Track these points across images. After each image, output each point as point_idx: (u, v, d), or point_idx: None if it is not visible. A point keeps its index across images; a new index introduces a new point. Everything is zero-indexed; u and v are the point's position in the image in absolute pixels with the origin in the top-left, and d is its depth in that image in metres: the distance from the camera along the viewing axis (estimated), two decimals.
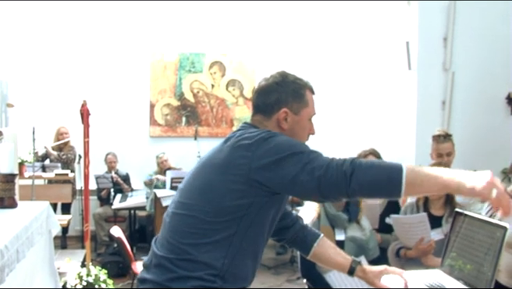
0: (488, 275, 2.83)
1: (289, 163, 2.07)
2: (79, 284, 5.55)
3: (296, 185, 2.06)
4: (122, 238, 5.89)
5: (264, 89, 2.42)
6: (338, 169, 2.00)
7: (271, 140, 2.15)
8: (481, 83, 8.52)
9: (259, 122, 2.38)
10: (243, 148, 2.15)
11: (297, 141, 2.24)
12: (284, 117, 2.35)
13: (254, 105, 2.44)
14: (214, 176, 2.19)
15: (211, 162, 2.24)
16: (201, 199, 2.19)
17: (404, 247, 4.04)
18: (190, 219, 2.19)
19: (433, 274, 3.20)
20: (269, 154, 2.11)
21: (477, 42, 8.50)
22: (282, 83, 2.41)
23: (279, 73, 2.49)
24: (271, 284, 7.04)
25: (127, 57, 9.84)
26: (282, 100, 2.36)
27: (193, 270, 2.13)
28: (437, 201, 4.17)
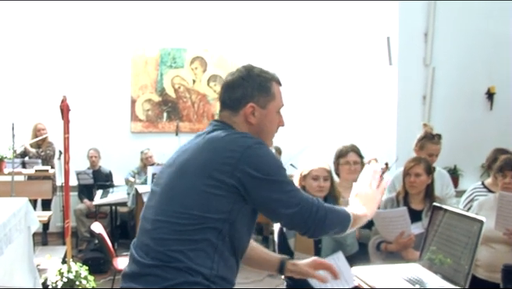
0: (465, 268, 2.85)
1: (272, 189, 2.17)
2: (59, 281, 5.51)
3: (270, 210, 2.24)
4: (103, 234, 5.87)
5: (229, 84, 2.37)
6: (311, 215, 2.22)
7: (256, 149, 2.18)
8: (461, 78, 8.58)
9: (227, 118, 2.36)
10: (227, 152, 2.16)
11: (280, 164, 2.27)
12: (251, 112, 2.33)
13: (220, 101, 2.41)
14: (196, 181, 2.17)
15: (191, 165, 2.21)
16: (184, 206, 2.17)
17: (385, 241, 4.06)
18: (176, 226, 2.16)
19: (411, 268, 3.22)
20: (258, 168, 2.15)
21: (457, 38, 8.56)
22: (247, 78, 2.36)
23: (244, 66, 2.43)
24: (253, 279, 7.03)
25: (108, 52, 9.78)
26: (248, 95, 2.33)
27: (186, 276, 2.11)
28: (417, 196, 4.19)
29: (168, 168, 2.33)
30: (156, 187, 2.33)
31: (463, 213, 3.19)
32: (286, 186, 2.21)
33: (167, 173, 2.30)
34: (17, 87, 9.41)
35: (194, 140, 2.33)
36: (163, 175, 2.33)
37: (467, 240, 2.93)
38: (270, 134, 2.41)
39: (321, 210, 2.24)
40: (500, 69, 8.64)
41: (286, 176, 2.24)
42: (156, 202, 2.27)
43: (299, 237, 3.88)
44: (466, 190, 5.12)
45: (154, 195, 2.32)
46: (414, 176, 4.14)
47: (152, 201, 2.31)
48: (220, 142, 2.21)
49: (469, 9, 8.44)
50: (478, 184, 5.06)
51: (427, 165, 4.20)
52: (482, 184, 5.05)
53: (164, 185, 2.27)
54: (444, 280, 2.97)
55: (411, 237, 3.89)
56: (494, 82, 8.68)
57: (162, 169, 2.40)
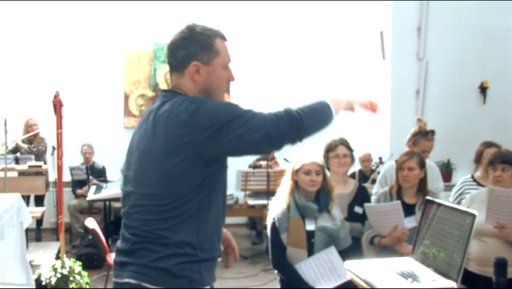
0: (458, 262, 2.86)
1: (233, 127, 2.18)
2: (53, 277, 5.49)
3: (247, 145, 2.22)
4: (96, 230, 5.85)
5: (173, 45, 2.39)
6: (289, 119, 2.23)
7: (203, 110, 2.20)
8: (454, 72, 8.60)
9: (175, 81, 2.40)
10: (180, 126, 2.20)
11: (229, 104, 2.32)
12: (196, 70, 2.34)
13: (168, 64, 2.44)
14: (163, 163, 2.23)
15: (154, 148, 2.27)
16: (161, 188, 2.24)
17: (378, 235, 4.07)
18: (158, 208, 2.25)
19: (404, 262, 3.23)
20: (210, 124, 2.17)
21: (450, 32, 8.57)
22: (189, 37, 2.36)
23: (186, 26, 2.41)
24: (247, 274, 7.05)
25: (101, 47, 9.74)
26: (191, 53, 2.34)
27: (175, 250, 2.24)
28: (410, 190, 4.20)
29: (135, 151, 2.39)
30: (129, 172, 2.41)
31: (455, 207, 3.19)
32: (244, 116, 2.21)
33: (135, 158, 2.37)
34: (9, 82, 9.38)
35: (148, 117, 2.37)
36: (132, 159, 2.40)
37: (459, 234, 2.94)
38: (220, 90, 2.43)
39: (291, 111, 2.26)
40: (493, 63, 8.66)
41: (239, 108, 2.26)
42: (133, 187, 2.35)
43: (291, 232, 3.88)
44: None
45: (128, 180, 2.40)
46: (407, 170, 4.15)
47: (128, 186, 2.39)
48: (168, 119, 2.24)
49: (462, 4, 8.45)
50: (467, 177, 5.07)
51: (420, 160, 4.21)
52: (472, 177, 5.06)
53: (135, 171, 2.35)
54: (437, 274, 2.98)
55: (405, 230, 3.90)
56: (487, 76, 8.70)
57: (130, 150, 2.46)
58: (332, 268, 3.79)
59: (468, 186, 4.94)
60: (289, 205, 3.93)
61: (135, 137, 2.44)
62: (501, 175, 4.04)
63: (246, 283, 6.71)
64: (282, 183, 4.07)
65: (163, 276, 2.23)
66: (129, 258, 2.30)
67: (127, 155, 2.48)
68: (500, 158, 4.08)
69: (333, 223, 3.91)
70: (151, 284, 2.23)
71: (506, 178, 4.05)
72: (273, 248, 3.96)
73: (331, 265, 3.80)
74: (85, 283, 5.65)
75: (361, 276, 3.04)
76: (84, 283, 5.64)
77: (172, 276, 2.23)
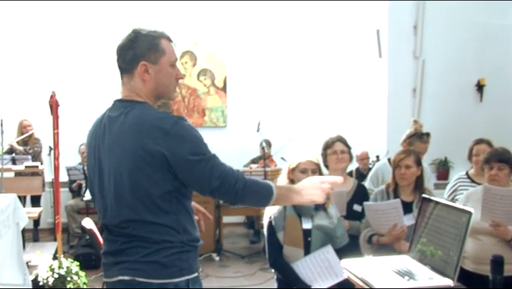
0: (454, 259, 2.86)
1: (196, 168, 2.35)
2: (51, 277, 5.49)
3: (195, 187, 2.42)
4: (94, 230, 5.83)
5: (121, 48, 2.54)
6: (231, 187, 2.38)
7: (176, 131, 2.34)
8: (451, 70, 8.61)
9: (128, 84, 2.52)
10: (151, 137, 2.32)
11: (200, 141, 2.40)
12: (144, 70, 2.48)
13: (118, 68, 2.56)
14: (138, 176, 2.36)
15: (125, 157, 2.38)
16: (139, 201, 2.39)
17: (376, 234, 4.07)
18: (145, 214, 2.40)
19: (401, 260, 3.23)
20: (180, 151, 2.33)
21: (447, 30, 8.58)
22: (135, 39, 2.51)
23: (133, 30, 2.57)
24: (244, 273, 7.04)
25: (97, 47, 9.71)
26: (138, 54, 2.48)
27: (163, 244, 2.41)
28: (407, 188, 4.20)
29: (106, 162, 2.47)
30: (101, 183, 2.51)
31: (452, 205, 3.19)
32: (207, 162, 2.36)
33: (110, 170, 2.45)
34: (5, 82, 9.36)
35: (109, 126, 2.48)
36: (103, 170, 2.49)
37: (456, 232, 2.94)
38: (169, 87, 2.57)
39: (240, 182, 2.39)
40: (490, 61, 8.68)
41: (208, 151, 2.40)
42: (114, 200, 2.45)
43: (288, 231, 3.88)
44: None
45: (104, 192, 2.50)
46: (404, 168, 4.15)
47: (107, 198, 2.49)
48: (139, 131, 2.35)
49: (458, 2, 8.46)
50: (461, 174, 5.09)
51: (416, 157, 4.21)
52: (466, 174, 5.08)
53: (114, 184, 2.44)
54: (433, 272, 2.97)
55: (404, 228, 3.90)
56: (484, 74, 8.72)
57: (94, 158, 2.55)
58: (328, 266, 3.79)
59: (462, 183, 4.95)
60: None
61: (96, 145, 2.54)
62: (497, 174, 4.04)
63: (243, 282, 6.70)
64: (278, 182, 4.07)
65: (155, 268, 2.39)
66: (118, 258, 2.45)
67: (91, 160, 2.58)
68: (497, 156, 4.08)
69: (330, 222, 3.90)
70: (145, 278, 2.39)
71: (502, 177, 4.05)
72: (270, 247, 3.95)
73: (328, 264, 3.80)
74: (82, 284, 5.64)
75: (358, 275, 3.04)
76: (82, 283, 5.63)
77: (163, 267, 2.39)
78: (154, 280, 2.39)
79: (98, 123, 2.59)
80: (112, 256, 2.49)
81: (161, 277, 2.39)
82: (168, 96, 2.60)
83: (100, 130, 2.53)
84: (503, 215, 3.85)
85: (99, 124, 2.57)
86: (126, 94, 2.53)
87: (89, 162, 2.63)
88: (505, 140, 5.13)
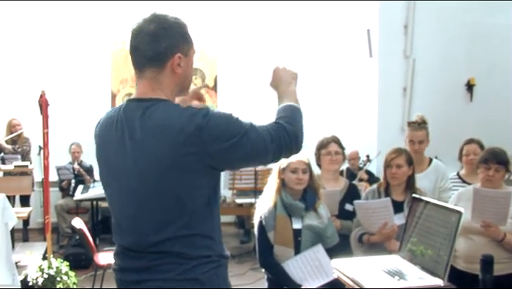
0: (444, 259, 2.86)
1: (242, 145, 2.12)
2: (40, 277, 5.46)
3: (253, 161, 2.25)
4: (83, 230, 5.83)
5: (151, 36, 2.21)
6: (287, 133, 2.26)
7: (211, 125, 2.08)
8: (441, 70, 8.63)
9: (152, 77, 2.21)
10: (186, 140, 2.07)
11: (232, 117, 2.18)
12: (178, 63, 2.20)
13: (140, 58, 2.23)
14: (172, 181, 2.11)
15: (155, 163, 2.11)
16: (174, 207, 2.14)
17: (367, 232, 4.07)
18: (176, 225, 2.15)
19: (391, 260, 3.23)
20: (219, 141, 2.09)
21: (437, 29, 8.59)
22: (168, 27, 2.22)
23: (155, 15, 2.29)
24: (235, 272, 7.04)
25: (87, 46, 9.69)
26: (174, 45, 2.20)
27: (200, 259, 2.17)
28: (398, 187, 4.19)
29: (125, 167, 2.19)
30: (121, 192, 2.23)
31: (442, 204, 3.20)
32: (250, 134, 2.14)
33: (131, 176, 2.18)
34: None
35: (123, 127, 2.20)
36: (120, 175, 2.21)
37: (446, 232, 2.94)
38: (191, 80, 2.34)
39: (288, 126, 2.30)
40: (480, 60, 8.70)
41: (242, 123, 2.17)
42: (139, 210, 2.18)
43: (278, 231, 3.88)
44: None
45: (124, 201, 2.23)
46: (396, 168, 4.15)
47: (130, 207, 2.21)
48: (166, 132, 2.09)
49: (449, 2, 8.47)
50: (453, 175, 5.09)
51: (408, 157, 4.21)
52: (457, 175, 5.08)
53: (135, 191, 2.17)
54: (423, 272, 2.98)
55: (394, 227, 3.90)
56: (474, 74, 8.74)
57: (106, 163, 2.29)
58: (319, 266, 3.79)
59: (454, 184, 4.95)
60: (276, 203, 3.93)
61: (111, 152, 2.25)
62: (494, 175, 4.03)
63: (234, 281, 6.64)
64: (269, 182, 4.07)
65: (192, 286, 2.15)
66: (146, 275, 2.18)
67: (106, 168, 2.31)
68: (496, 157, 4.05)
69: (320, 222, 3.91)
70: None
71: (497, 178, 4.05)
72: (260, 247, 3.95)
73: (318, 264, 3.80)
74: (72, 284, 5.62)
75: (348, 275, 3.04)
76: (71, 283, 5.61)
77: (200, 285, 2.16)
78: None
79: (109, 126, 2.27)
80: (136, 273, 2.20)
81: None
82: (187, 89, 2.35)
83: (115, 135, 2.23)
84: (493, 216, 3.86)
85: (111, 128, 2.25)
86: (144, 91, 2.22)
87: (102, 172, 2.33)
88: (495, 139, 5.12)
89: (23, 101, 8.77)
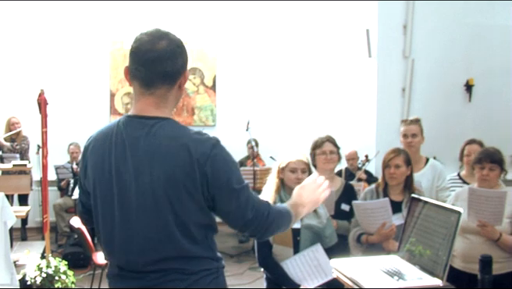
0: (443, 259, 2.86)
1: (233, 198, 2.16)
2: (38, 276, 5.46)
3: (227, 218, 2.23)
4: (82, 229, 5.82)
5: (170, 55, 2.16)
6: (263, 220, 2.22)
7: (217, 157, 2.12)
8: (440, 70, 8.63)
9: (161, 95, 2.18)
10: (190, 163, 2.08)
11: (237, 168, 2.22)
12: (185, 80, 2.24)
13: (157, 74, 2.16)
14: (173, 200, 2.11)
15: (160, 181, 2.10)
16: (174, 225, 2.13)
17: (365, 233, 4.07)
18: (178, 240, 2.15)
19: (390, 260, 3.23)
20: (221, 178, 2.12)
21: (436, 30, 8.60)
22: (180, 45, 2.21)
23: (162, 32, 2.22)
24: (233, 272, 7.04)
25: (86, 45, 9.69)
26: (185, 62, 2.22)
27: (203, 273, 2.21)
28: (396, 187, 4.20)
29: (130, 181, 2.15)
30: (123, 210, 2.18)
31: (441, 204, 3.20)
32: (245, 192, 2.18)
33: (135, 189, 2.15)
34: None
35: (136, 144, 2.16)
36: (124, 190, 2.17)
37: (445, 232, 2.94)
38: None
39: (272, 214, 2.24)
40: (479, 61, 8.71)
41: (243, 180, 2.21)
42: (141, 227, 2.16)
43: None
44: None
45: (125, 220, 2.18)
46: (394, 168, 4.15)
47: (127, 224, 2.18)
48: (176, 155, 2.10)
49: (448, 2, 8.48)
50: (453, 175, 5.09)
51: (406, 157, 4.21)
52: (458, 175, 5.09)
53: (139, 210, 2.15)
54: (422, 272, 2.98)
55: (392, 228, 3.90)
56: (472, 74, 8.75)
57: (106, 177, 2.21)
58: (318, 265, 3.79)
59: (454, 183, 4.96)
60: (275, 202, 3.93)
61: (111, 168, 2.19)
62: (488, 174, 4.06)
63: (232, 281, 6.69)
64: (268, 181, 4.07)
65: None
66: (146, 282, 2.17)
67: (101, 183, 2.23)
68: (489, 156, 4.08)
69: (319, 221, 3.91)
70: None
71: (492, 177, 4.08)
72: (259, 246, 3.95)
73: (317, 263, 3.80)
74: (71, 283, 5.61)
75: (347, 274, 3.04)
76: (70, 282, 5.60)
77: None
78: None
79: (106, 143, 2.23)
80: (132, 279, 2.19)
81: None
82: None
83: (114, 152, 2.19)
84: (489, 216, 3.87)
85: (109, 144, 2.21)
86: (146, 108, 2.19)
87: (96, 189, 2.25)
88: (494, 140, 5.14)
89: (22, 99, 8.77)
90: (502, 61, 8.74)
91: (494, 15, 8.77)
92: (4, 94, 9.27)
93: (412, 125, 4.91)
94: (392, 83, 8.56)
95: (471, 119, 8.54)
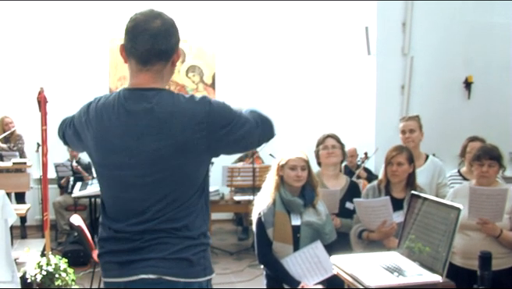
0: (443, 256, 2.87)
1: (237, 128, 2.28)
2: (39, 274, 5.46)
3: (244, 144, 2.37)
4: (82, 226, 5.82)
5: (165, 33, 2.27)
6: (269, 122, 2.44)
7: (216, 110, 2.25)
8: (439, 67, 8.65)
9: (157, 71, 2.28)
10: (196, 124, 2.19)
11: (228, 105, 2.34)
12: (178, 57, 2.34)
13: (153, 52, 2.25)
14: (178, 160, 2.21)
15: (161, 146, 2.19)
16: (179, 186, 2.24)
17: (366, 229, 4.08)
18: (176, 205, 2.24)
19: (390, 256, 3.24)
20: (223, 125, 2.23)
21: (435, 27, 8.61)
22: (173, 24, 2.32)
23: (156, 12, 2.35)
24: (233, 269, 7.05)
25: (85, 43, 9.68)
26: (178, 40, 2.32)
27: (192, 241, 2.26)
28: (398, 184, 4.20)
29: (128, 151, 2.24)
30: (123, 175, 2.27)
31: (440, 201, 3.21)
32: (242, 118, 2.31)
33: (136, 160, 2.23)
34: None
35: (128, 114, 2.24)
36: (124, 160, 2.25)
37: (444, 228, 2.95)
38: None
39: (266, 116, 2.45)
40: (478, 58, 8.73)
41: (234, 109, 2.33)
42: (142, 193, 2.25)
43: (277, 227, 3.89)
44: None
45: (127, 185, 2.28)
46: (396, 165, 4.16)
47: (131, 191, 2.27)
48: (179, 117, 2.20)
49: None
50: (453, 172, 5.10)
51: (409, 155, 4.22)
52: (458, 172, 5.10)
53: (140, 175, 2.24)
54: (422, 268, 2.99)
55: (393, 225, 3.91)
56: (472, 71, 8.76)
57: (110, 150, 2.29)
58: (318, 262, 3.81)
59: (454, 180, 4.96)
60: (275, 200, 3.94)
61: (111, 135, 2.27)
62: (488, 170, 4.07)
63: (232, 278, 6.71)
64: (267, 179, 4.08)
65: (184, 266, 2.24)
66: (138, 256, 2.24)
67: (105, 153, 2.31)
68: (488, 153, 4.09)
69: (318, 218, 3.92)
70: (173, 276, 2.22)
71: (491, 174, 4.09)
72: (259, 243, 3.96)
73: (317, 260, 3.81)
74: (71, 281, 5.62)
75: (347, 271, 3.05)
76: (70, 280, 5.61)
77: (191, 265, 2.25)
78: (181, 278, 2.22)
79: (108, 113, 2.28)
80: (127, 254, 2.25)
81: (187, 276, 2.23)
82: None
83: (118, 122, 2.25)
84: (489, 213, 3.88)
85: (111, 115, 2.27)
86: (144, 82, 2.28)
87: (100, 157, 2.34)
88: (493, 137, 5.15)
89: (22, 97, 8.77)
90: (501, 58, 8.76)
91: (493, 12, 8.78)
92: (3, 92, 9.26)
93: (410, 121, 4.94)
94: (391, 80, 8.57)
95: (469, 117, 8.55)
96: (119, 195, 2.32)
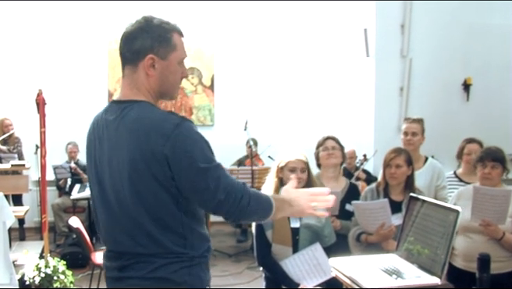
0: (442, 258, 2.87)
1: (202, 177, 2.13)
2: (37, 276, 5.45)
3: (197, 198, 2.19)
4: (80, 228, 5.82)
5: (128, 36, 2.27)
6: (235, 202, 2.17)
7: (179, 136, 2.11)
8: (438, 69, 8.65)
9: (130, 76, 2.27)
10: (152, 146, 2.11)
11: (207, 147, 2.20)
12: (151, 64, 2.23)
13: (121, 56, 2.30)
14: (140, 187, 2.16)
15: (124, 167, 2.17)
16: (144, 207, 2.18)
17: (365, 232, 4.08)
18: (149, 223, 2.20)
19: (389, 258, 3.24)
20: (186, 156, 2.11)
21: (434, 29, 8.61)
22: (146, 28, 2.24)
23: (144, 17, 2.29)
24: (232, 272, 7.04)
25: (84, 45, 9.67)
26: (147, 46, 2.23)
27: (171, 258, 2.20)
28: (397, 187, 4.20)
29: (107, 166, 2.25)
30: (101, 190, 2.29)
31: (439, 203, 3.21)
32: (214, 172, 2.15)
33: (110, 174, 2.24)
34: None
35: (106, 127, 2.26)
36: (103, 175, 2.27)
37: (443, 230, 2.95)
38: (174, 86, 2.34)
39: (246, 197, 2.19)
40: (476, 60, 8.73)
41: (214, 158, 2.20)
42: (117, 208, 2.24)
43: (276, 229, 3.89)
44: None
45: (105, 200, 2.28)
46: (395, 168, 4.15)
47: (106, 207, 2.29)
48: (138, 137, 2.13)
49: (446, 1, 8.49)
50: (449, 174, 5.10)
51: (407, 157, 4.21)
52: (454, 174, 5.10)
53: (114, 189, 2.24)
54: (421, 270, 2.99)
55: (392, 228, 3.91)
56: (470, 73, 8.76)
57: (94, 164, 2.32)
58: (317, 264, 3.80)
59: (450, 182, 4.96)
60: None
61: (94, 154, 2.32)
62: (490, 172, 4.06)
63: (231, 281, 6.70)
64: (266, 181, 4.08)
65: (163, 285, 2.19)
66: (125, 273, 2.26)
67: (91, 169, 2.35)
68: (491, 155, 4.09)
69: (318, 220, 3.92)
70: None
71: (494, 175, 4.08)
72: (258, 245, 3.95)
73: (316, 262, 3.81)
74: (69, 283, 5.61)
75: (346, 273, 3.05)
76: (68, 282, 5.60)
77: (172, 284, 2.19)
78: None
79: (94, 127, 2.34)
80: (118, 271, 2.29)
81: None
82: (171, 95, 2.36)
83: (97, 136, 2.30)
84: (493, 215, 3.87)
85: (95, 129, 2.33)
86: (125, 92, 2.28)
87: (89, 173, 2.39)
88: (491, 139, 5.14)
89: (20, 99, 8.76)
90: (499, 60, 8.76)
91: (492, 13, 8.79)
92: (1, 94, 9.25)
93: (414, 123, 4.93)
94: (390, 82, 8.57)
95: (468, 118, 8.55)
96: (98, 214, 2.36)
